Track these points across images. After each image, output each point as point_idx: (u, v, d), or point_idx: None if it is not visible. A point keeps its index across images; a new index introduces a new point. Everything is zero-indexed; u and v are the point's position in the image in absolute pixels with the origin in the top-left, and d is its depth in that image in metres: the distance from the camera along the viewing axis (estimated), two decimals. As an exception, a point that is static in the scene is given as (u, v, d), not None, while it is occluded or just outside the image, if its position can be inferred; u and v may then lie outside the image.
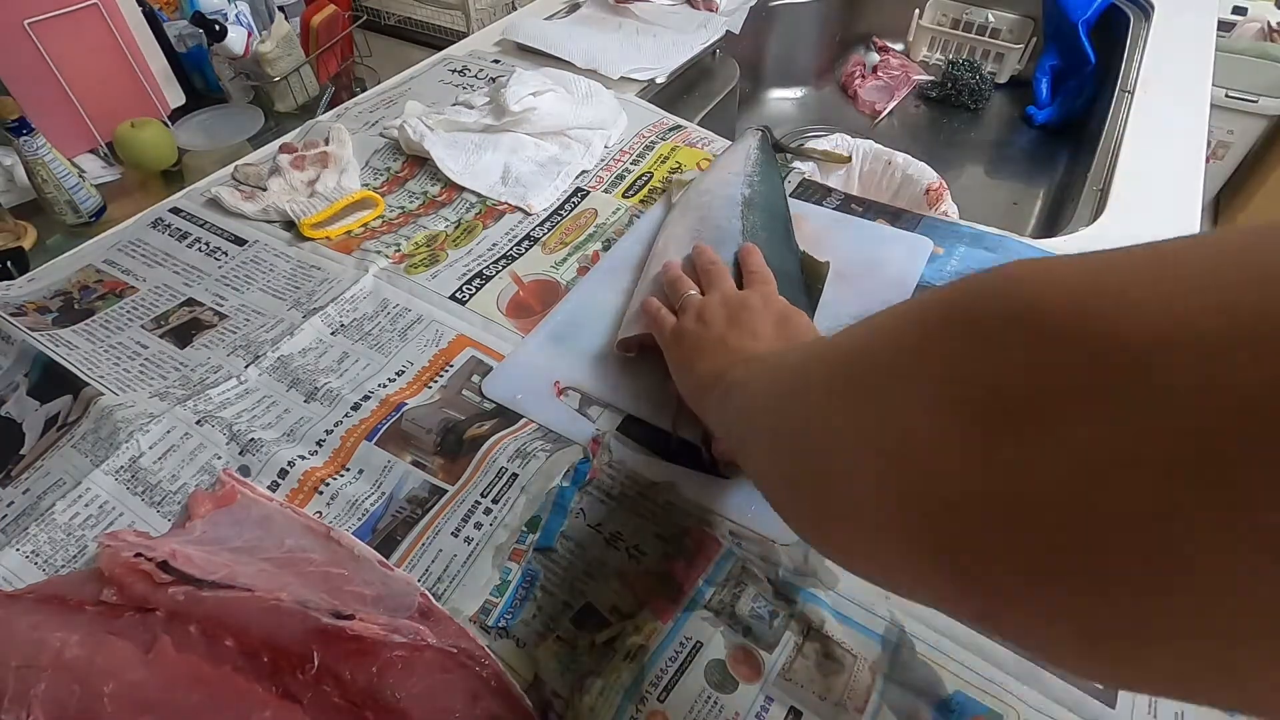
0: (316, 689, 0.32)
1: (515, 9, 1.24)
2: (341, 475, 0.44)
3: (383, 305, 0.55)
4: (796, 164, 0.71)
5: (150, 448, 0.45)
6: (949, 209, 0.76)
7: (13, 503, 0.43)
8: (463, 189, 0.66)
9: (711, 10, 0.96)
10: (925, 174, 0.81)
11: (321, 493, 0.43)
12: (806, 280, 0.52)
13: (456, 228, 0.63)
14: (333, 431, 0.46)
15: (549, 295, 0.56)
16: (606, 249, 0.60)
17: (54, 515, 0.42)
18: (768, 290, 0.45)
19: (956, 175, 1.03)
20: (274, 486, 0.43)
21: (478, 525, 0.41)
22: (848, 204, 0.63)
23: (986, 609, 0.16)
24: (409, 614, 0.35)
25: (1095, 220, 0.64)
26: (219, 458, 0.45)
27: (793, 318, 0.42)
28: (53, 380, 0.49)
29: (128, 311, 0.56)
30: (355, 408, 0.48)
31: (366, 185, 0.67)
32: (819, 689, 0.35)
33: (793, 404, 0.24)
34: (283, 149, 0.67)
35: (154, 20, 1.13)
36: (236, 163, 0.68)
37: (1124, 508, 0.12)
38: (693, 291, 0.46)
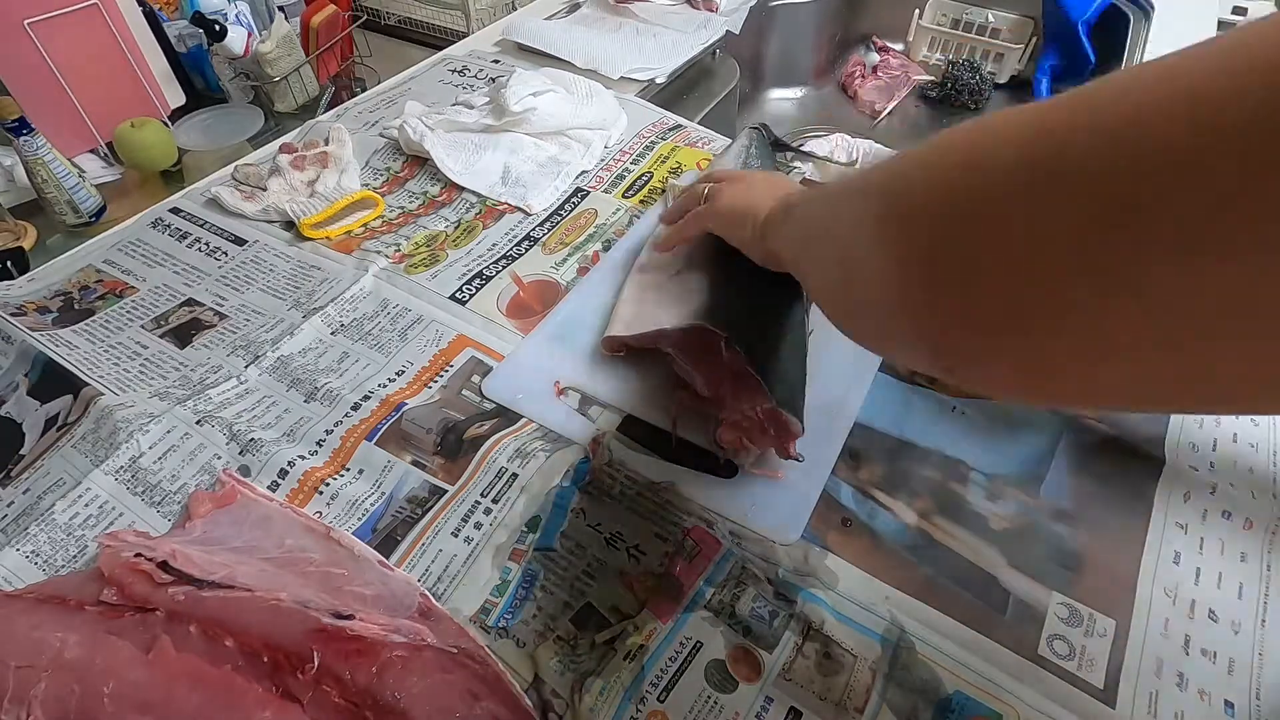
0: (316, 689, 0.32)
1: (515, 9, 1.24)
2: (341, 475, 0.44)
3: (383, 305, 0.55)
4: (797, 164, 0.71)
5: (150, 448, 0.45)
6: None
7: (13, 503, 0.43)
8: (463, 189, 0.66)
9: (711, 10, 0.96)
10: (925, 174, 0.80)
11: (321, 493, 0.43)
12: None
13: (456, 228, 0.63)
14: (333, 431, 0.46)
15: (549, 295, 0.56)
16: (606, 249, 0.60)
17: (54, 515, 0.42)
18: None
19: (956, 175, 1.03)
20: (274, 486, 0.43)
21: (478, 525, 0.41)
22: (848, 204, 0.62)
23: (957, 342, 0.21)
24: (409, 614, 0.35)
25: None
26: (219, 458, 0.45)
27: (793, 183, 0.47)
28: (53, 380, 0.49)
29: (128, 311, 0.56)
30: (355, 408, 0.48)
31: (366, 185, 0.67)
32: (819, 689, 0.35)
33: (835, 212, 0.30)
34: (283, 149, 0.67)
35: (154, 20, 1.13)
36: (236, 163, 0.68)
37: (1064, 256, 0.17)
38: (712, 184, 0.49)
